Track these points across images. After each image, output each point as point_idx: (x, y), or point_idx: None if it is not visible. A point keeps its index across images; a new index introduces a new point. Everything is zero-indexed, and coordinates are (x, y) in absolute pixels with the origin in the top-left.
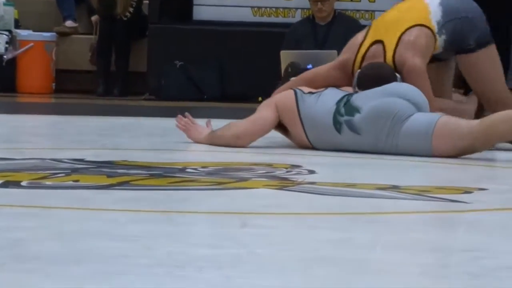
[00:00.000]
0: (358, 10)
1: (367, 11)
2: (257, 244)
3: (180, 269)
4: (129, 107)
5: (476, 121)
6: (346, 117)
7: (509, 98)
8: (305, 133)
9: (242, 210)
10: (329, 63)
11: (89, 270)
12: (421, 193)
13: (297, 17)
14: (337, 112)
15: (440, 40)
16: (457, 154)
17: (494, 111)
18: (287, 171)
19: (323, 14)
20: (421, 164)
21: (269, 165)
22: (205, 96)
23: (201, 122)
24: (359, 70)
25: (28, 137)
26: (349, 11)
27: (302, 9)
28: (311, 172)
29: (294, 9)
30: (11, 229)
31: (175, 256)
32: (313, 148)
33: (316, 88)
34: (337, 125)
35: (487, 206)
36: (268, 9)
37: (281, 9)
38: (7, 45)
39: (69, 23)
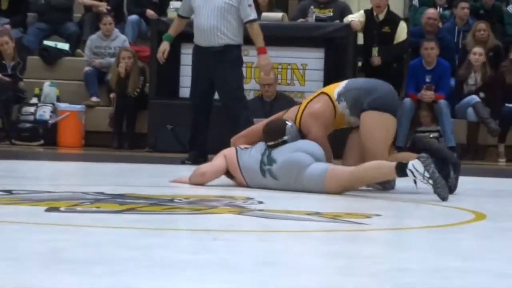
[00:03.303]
0: (293, 91)
1: (299, 91)
2: (224, 252)
3: (170, 268)
4: (135, 157)
5: (353, 168)
6: (267, 166)
7: (382, 156)
8: (244, 178)
9: (213, 228)
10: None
11: (106, 269)
12: (336, 217)
13: (251, 95)
14: (262, 162)
15: (341, 106)
16: (342, 191)
17: (365, 159)
18: (244, 202)
19: (269, 94)
20: (335, 197)
21: (231, 197)
22: (188, 150)
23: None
24: None
25: (65, 177)
26: (287, 92)
27: (255, 90)
28: (260, 202)
29: (248, 90)
30: (53, 241)
31: (166, 260)
32: (250, 187)
33: (252, 138)
34: (262, 172)
35: (381, 227)
36: None
37: None
38: (51, 114)
39: (94, 99)
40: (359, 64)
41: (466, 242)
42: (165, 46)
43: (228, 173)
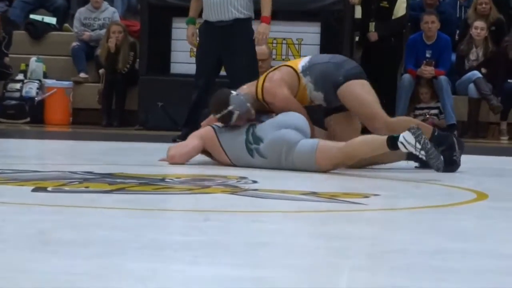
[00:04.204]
0: None
1: None
2: (216, 233)
3: (161, 251)
4: (125, 135)
5: (344, 143)
6: (254, 145)
7: (379, 114)
8: (228, 157)
9: (205, 208)
10: None
11: (95, 251)
12: (333, 197)
13: None
14: (247, 142)
15: (306, 80)
16: (333, 167)
17: (368, 125)
18: (237, 181)
19: (263, 70)
20: (332, 176)
21: (224, 176)
22: (179, 127)
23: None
24: None
25: (52, 156)
26: None
27: None
28: (254, 181)
29: None
30: (40, 221)
31: (157, 241)
32: (234, 165)
33: None
34: (249, 151)
35: (379, 207)
36: None
37: None
38: (37, 90)
39: (82, 75)
40: (356, 38)
41: (467, 222)
42: (192, 30)
43: (205, 152)
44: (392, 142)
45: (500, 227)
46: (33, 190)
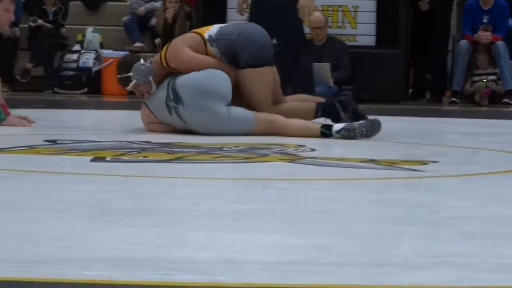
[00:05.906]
0: (344, 35)
1: (350, 35)
2: (274, 201)
3: (220, 220)
4: None
5: (282, 121)
6: (173, 104)
7: (266, 110)
8: (151, 112)
9: (263, 177)
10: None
11: (154, 221)
12: (392, 164)
13: None
14: (167, 98)
15: (213, 49)
16: (268, 134)
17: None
18: (295, 149)
19: (319, 38)
20: (391, 144)
21: (282, 145)
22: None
23: None
24: None
25: (110, 125)
26: (338, 35)
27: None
28: (312, 150)
29: None
30: (99, 191)
31: (216, 210)
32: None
33: None
34: (168, 108)
35: (439, 174)
36: None
37: None
38: (94, 61)
39: (137, 44)
40: None
41: None
42: None
43: None
44: (326, 135)
45: None
46: (92, 160)
